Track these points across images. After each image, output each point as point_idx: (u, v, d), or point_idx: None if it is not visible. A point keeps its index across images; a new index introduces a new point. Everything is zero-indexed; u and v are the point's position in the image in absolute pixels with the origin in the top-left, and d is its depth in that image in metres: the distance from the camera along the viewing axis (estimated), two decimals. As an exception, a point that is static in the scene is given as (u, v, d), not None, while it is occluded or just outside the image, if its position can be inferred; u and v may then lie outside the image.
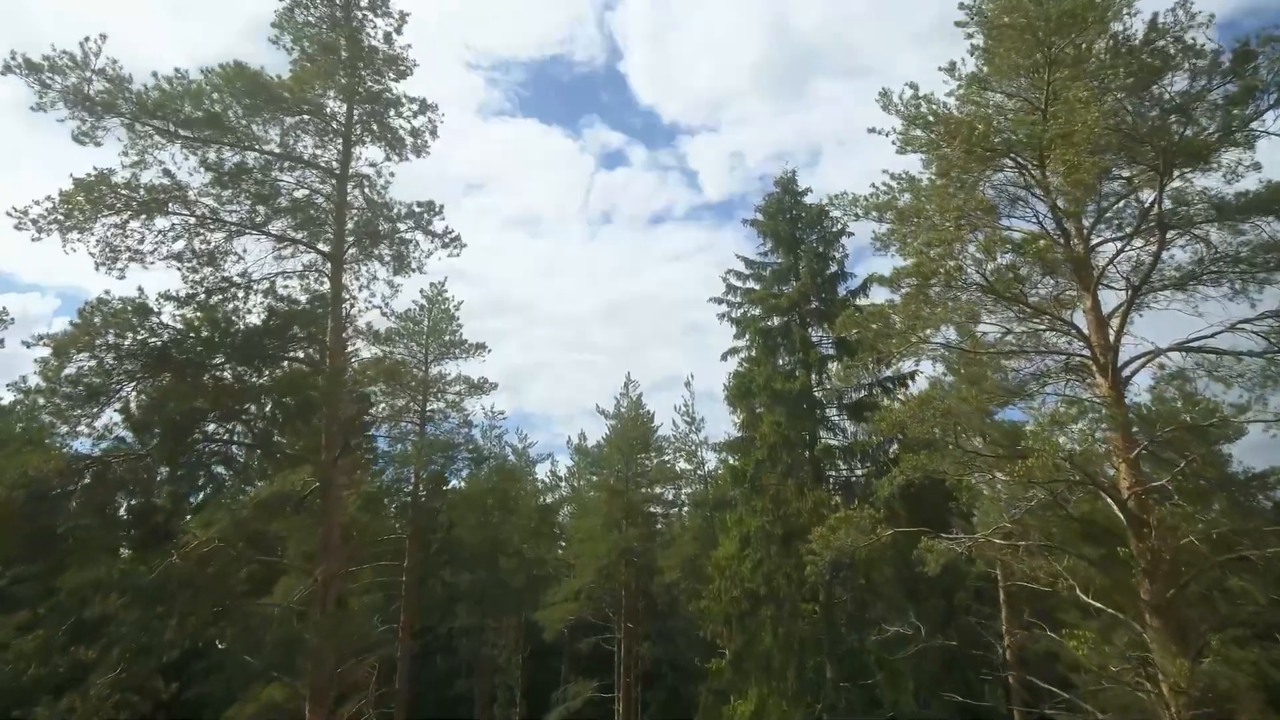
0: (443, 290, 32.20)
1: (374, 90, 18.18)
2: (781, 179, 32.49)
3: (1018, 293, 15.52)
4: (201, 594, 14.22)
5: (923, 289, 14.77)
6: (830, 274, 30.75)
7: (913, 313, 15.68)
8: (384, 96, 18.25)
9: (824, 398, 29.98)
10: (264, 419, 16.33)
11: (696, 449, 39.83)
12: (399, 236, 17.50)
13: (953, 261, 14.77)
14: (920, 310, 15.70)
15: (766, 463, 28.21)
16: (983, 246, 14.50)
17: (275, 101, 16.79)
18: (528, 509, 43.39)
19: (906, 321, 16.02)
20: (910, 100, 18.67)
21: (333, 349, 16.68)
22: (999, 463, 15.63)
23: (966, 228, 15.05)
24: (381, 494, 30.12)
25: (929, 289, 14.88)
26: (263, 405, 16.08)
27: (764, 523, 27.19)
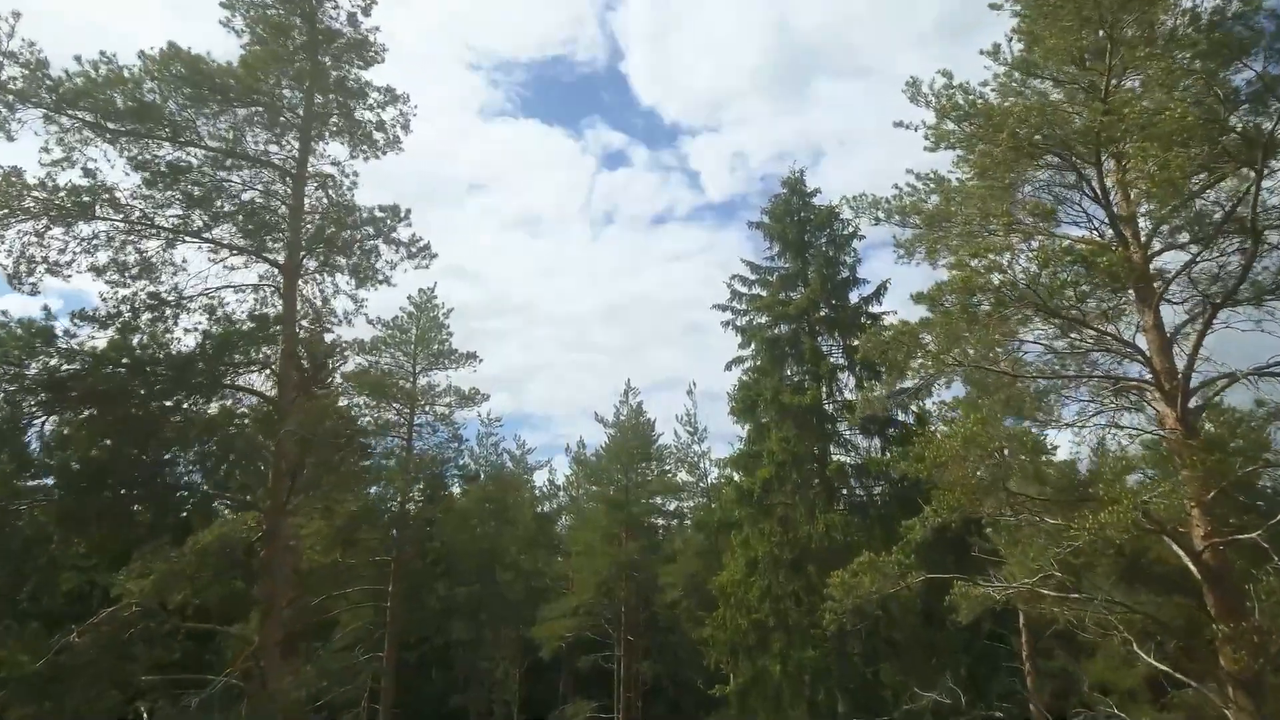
0: (432, 296, 29.58)
1: (337, 78, 15.57)
2: (789, 179, 29.84)
3: (1078, 312, 12.89)
4: (106, 678, 11.64)
5: (967, 306, 12.12)
6: (841, 279, 28.11)
7: (954, 332, 13.04)
8: (347, 85, 15.63)
9: (835, 411, 27.38)
10: (199, 459, 13.80)
11: (699, 460, 37.26)
12: (359, 246, 14.91)
13: (1000, 275, 12.12)
14: (962, 330, 13.06)
15: (774, 481, 25.61)
16: (1040, 258, 11.85)
17: (221, 91, 14.19)
18: (525, 519, 40.85)
19: (944, 342, 13.37)
20: (943, 90, 16.03)
21: (282, 376, 14.13)
22: (1054, 508, 13.03)
23: (1019, 235, 12.40)
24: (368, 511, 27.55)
25: (975, 306, 12.23)
26: (196, 444, 13.52)
27: (772, 546, 24.61)
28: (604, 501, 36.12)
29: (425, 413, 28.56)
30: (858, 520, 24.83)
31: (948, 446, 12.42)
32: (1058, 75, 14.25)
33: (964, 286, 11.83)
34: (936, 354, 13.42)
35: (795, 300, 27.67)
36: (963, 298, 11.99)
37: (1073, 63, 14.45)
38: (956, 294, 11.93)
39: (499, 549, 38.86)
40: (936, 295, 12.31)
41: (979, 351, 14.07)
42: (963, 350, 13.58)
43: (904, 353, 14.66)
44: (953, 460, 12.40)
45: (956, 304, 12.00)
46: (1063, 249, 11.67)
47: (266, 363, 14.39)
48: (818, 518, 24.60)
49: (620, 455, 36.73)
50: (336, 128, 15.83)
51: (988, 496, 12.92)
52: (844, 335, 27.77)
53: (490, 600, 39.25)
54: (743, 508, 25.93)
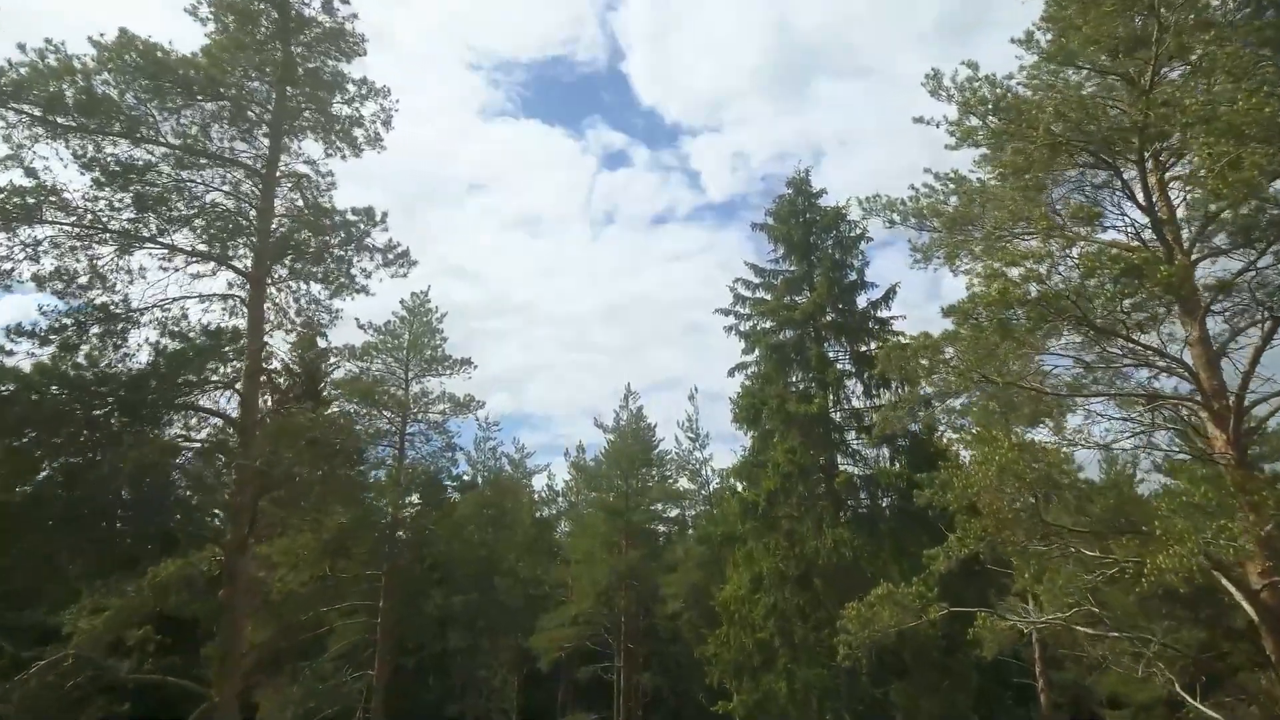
0: (425, 300, 28.11)
1: (310, 70, 14.11)
2: (794, 179, 28.32)
3: (1124, 326, 11.45)
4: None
5: (1002, 321, 10.66)
6: (849, 283, 26.63)
7: (985, 348, 11.58)
8: (323, 78, 14.17)
9: (843, 420, 25.94)
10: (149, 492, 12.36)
11: (701, 466, 35.78)
12: (331, 253, 13.46)
13: (1038, 286, 10.67)
14: (993, 345, 11.60)
15: (779, 493, 24.18)
16: (1085, 266, 10.39)
17: (182, 84, 12.73)
18: (523, 524, 39.43)
19: (971, 358, 11.91)
20: (967, 82, 14.59)
21: (246, 396, 12.69)
22: (1093, 538, 11.60)
23: (1059, 241, 10.94)
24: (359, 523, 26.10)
25: (1011, 320, 10.78)
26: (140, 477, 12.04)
27: (777, 562, 23.19)
28: (603, 509, 34.71)
29: (418, 421, 27.12)
30: (867, 535, 23.42)
31: (980, 476, 10.97)
32: (1096, 65, 12.75)
33: (1000, 300, 10.36)
34: (963, 371, 11.96)
35: (801, 305, 26.22)
36: (997, 311, 10.52)
37: (1108, 53, 12.99)
38: (992, 307, 10.45)
39: (497, 556, 37.47)
40: (969, 309, 10.84)
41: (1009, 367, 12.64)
42: (993, 366, 12.14)
43: (925, 368, 13.21)
44: (986, 491, 10.95)
45: (991, 318, 10.52)
46: (1111, 257, 10.19)
47: (229, 382, 12.94)
48: (825, 532, 23.16)
49: (620, 461, 35.31)
50: (311, 124, 14.37)
51: (1022, 528, 11.48)
52: (851, 341, 26.34)
53: (488, 608, 37.87)
54: (747, 521, 24.49)
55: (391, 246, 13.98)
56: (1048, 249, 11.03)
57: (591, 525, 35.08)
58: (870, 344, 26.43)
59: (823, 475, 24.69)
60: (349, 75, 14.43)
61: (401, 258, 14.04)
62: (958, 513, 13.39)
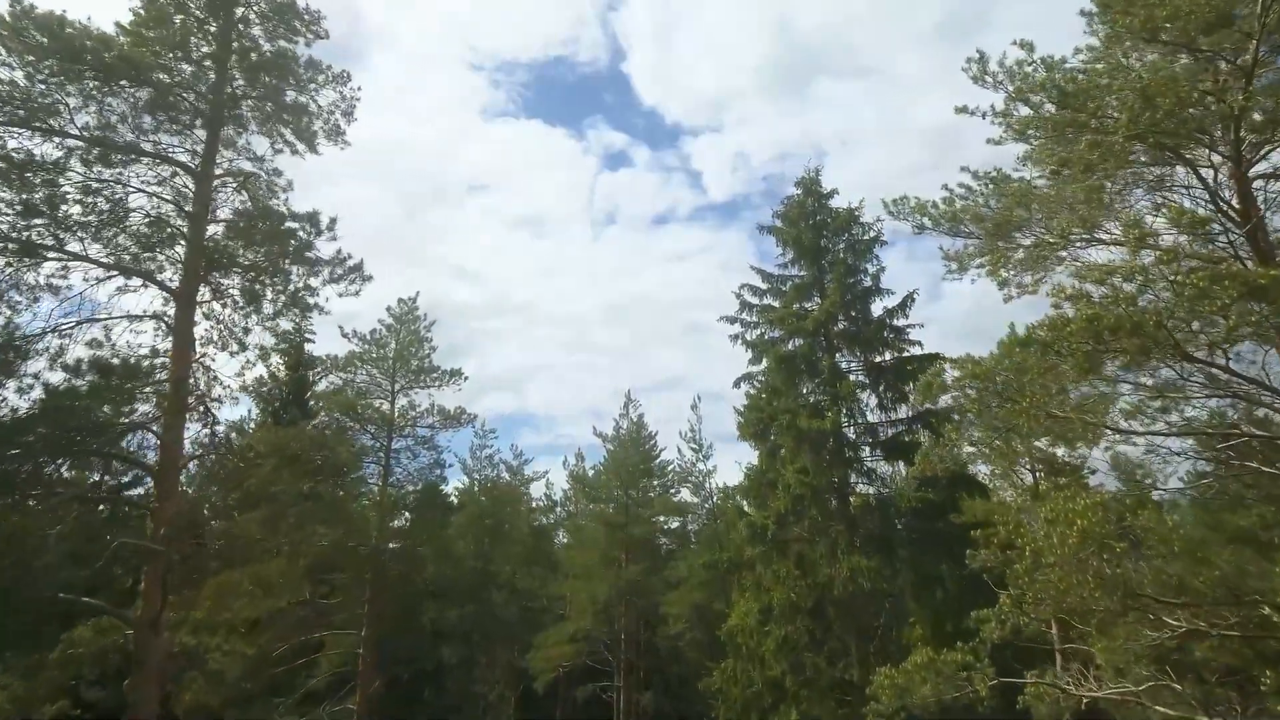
0: (413, 307, 25.78)
1: (256, 53, 11.77)
2: (803, 179, 25.90)
3: (1224, 354, 9.11)
4: None
5: (1085, 352, 8.32)
6: (863, 289, 24.26)
7: (1056, 382, 9.25)
8: (271, 61, 11.82)
9: (856, 435, 23.61)
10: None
11: (704, 479, 33.44)
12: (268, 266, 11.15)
13: (1126, 309, 8.33)
14: (1067, 379, 9.26)
15: (790, 516, 21.87)
16: (1194, 286, 8.03)
17: (100, 67, 10.41)
18: (521, 535, 37.14)
19: (1039, 395, 9.57)
20: (1019, 66, 12.26)
21: (167, 439, 10.38)
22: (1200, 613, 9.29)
23: (1166, 256, 8.59)
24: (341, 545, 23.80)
25: (1097, 350, 8.43)
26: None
27: (789, 591, 20.87)
28: (603, 522, 32.43)
29: (404, 436, 24.81)
30: (883, 560, 21.12)
31: (1055, 544, 8.63)
32: (1186, 42, 10.36)
33: (1090, 328, 8.01)
34: (1028, 407, 9.61)
35: (812, 313, 23.85)
36: (1082, 343, 8.17)
37: (1202, 27, 10.61)
38: (1078, 338, 8.10)
39: (493, 568, 35.25)
40: (1051, 342, 8.46)
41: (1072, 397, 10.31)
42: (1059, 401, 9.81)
43: (975, 400, 10.87)
44: (1064, 564, 8.62)
45: (1075, 349, 8.18)
46: (1231, 275, 7.83)
47: (144, 423, 10.65)
48: (840, 559, 20.84)
49: (620, 472, 33.04)
50: (256, 114, 12.06)
51: (1105, 599, 9.15)
52: (865, 351, 23.98)
53: (484, 621, 35.69)
54: (755, 545, 22.19)
55: (341, 259, 11.67)
56: (1138, 264, 8.66)
57: (590, 539, 32.82)
58: (885, 354, 24.13)
59: (836, 496, 22.39)
60: (300, 58, 12.08)
61: (353, 272, 11.73)
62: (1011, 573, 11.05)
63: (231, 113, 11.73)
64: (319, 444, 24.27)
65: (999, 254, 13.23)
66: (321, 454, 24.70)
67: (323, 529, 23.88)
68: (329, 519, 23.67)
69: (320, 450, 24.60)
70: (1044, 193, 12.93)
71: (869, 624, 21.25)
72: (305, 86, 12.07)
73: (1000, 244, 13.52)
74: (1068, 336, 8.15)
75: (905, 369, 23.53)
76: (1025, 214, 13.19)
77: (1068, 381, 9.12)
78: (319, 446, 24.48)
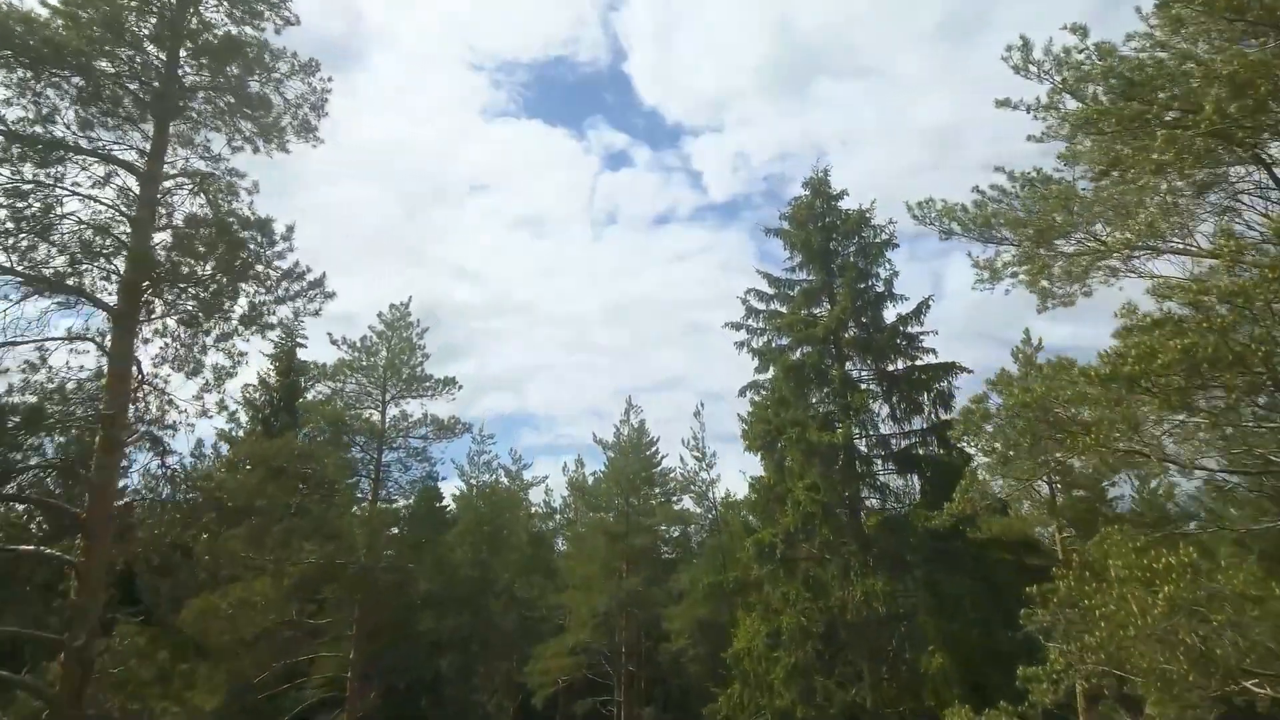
0: (405, 314, 24.26)
1: (211, 35, 10.22)
2: (811, 179, 24.43)
3: None
4: None
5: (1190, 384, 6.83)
6: (875, 294, 22.76)
7: (1129, 418, 7.75)
8: (231, 48, 10.28)
9: (868, 449, 22.12)
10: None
11: (707, 489, 31.92)
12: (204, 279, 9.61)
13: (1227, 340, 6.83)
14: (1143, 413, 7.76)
15: (799, 534, 20.40)
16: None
17: (25, 51, 8.87)
18: (519, 542, 35.65)
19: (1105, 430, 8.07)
20: (1067, 53, 10.79)
21: (97, 483, 8.83)
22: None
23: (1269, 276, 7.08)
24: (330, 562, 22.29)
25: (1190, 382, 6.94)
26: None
27: (798, 615, 19.38)
28: (603, 531, 30.95)
29: (396, 448, 23.31)
30: (897, 580, 19.65)
31: (1137, 611, 7.13)
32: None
33: (1185, 360, 6.52)
34: (1096, 442, 8.11)
35: (822, 320, 22.36)
36: (1175, 376, 6.67)
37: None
38: (1170, 371, 6.61)
39: (491, 576, 33.75)
40: (1135, 374, 6.96)
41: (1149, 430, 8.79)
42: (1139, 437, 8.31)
43: (1023, 430, 9.37)
44: (1150, 635, 7.12)
45: (1166, 384, 6.69)
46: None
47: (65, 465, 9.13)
48: (853, 581, 19.37)
49: (621, 480, 31.55)
50: (215, 108, 10.53)
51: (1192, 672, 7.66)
52: (877, 359, 22.48)
53: (481, 631, 34.24)
54: (762, 564, 20.71)
55: (298, 272, 10.12)
56: (1236, 283, 7.15)
57: (591, 549, 31.32)
58: (898, 362, 22.66)
59: (847, 512, 20.91)
60: (265, 44, 10.53)
61: (313, 288, 10.17)
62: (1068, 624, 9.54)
63: (184, 106, 10.21)
64: (306, 456, 22.83)
65: (1040, 263, 11.73)
66: (309, 467, 23.26)
67: (310, 545, 22.43)
68: (316, 535, 22.22)
69: (307, 463, 23.16)
70: (1092, 195, 11.44)
71: (882, 647, 19.83)
72: (269, 76, 10.54)
73: (1042, 252, 12.04)
74: (1159, 370, 6.65)
75: (919, 378, 22.08)
76: (1069, 219, 11.69)
77: (1148, 414, 7.60)
78: (306, 459, 23.04)
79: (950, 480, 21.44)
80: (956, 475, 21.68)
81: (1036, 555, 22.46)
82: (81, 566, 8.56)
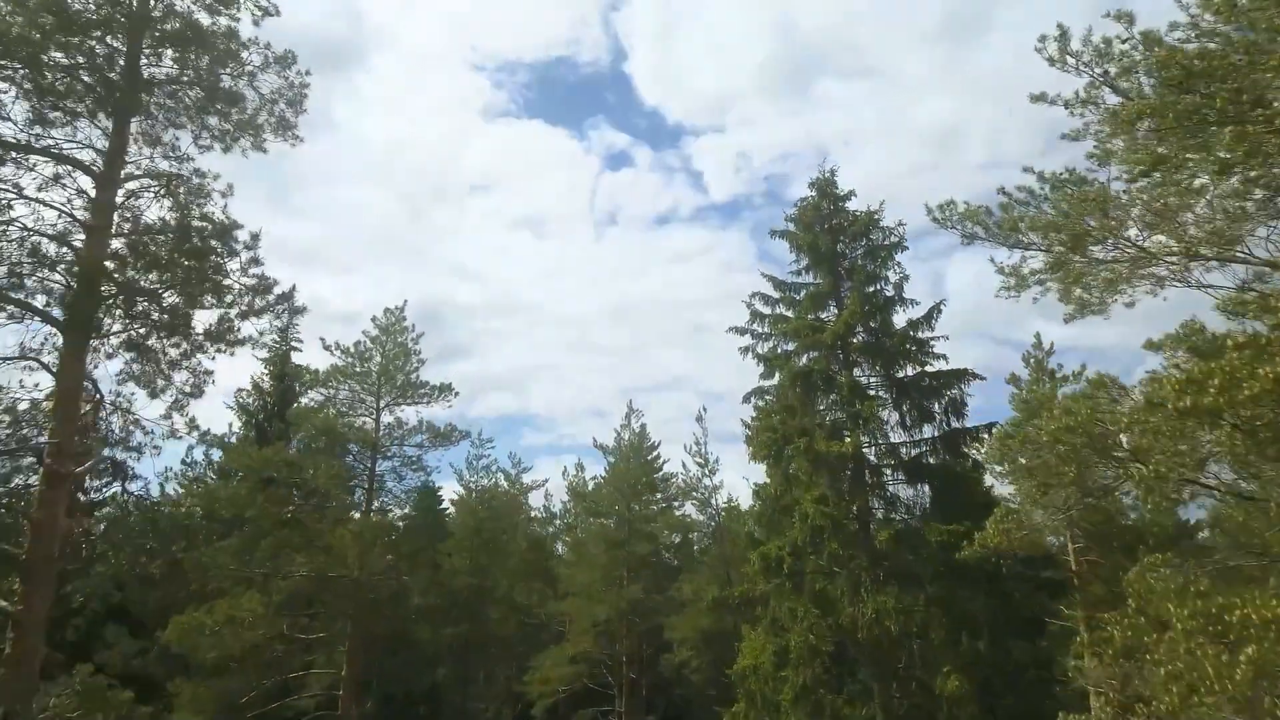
0: (400, 318, 23.27)
1: (187, 25, 9.23)
2: (818, 180, 23.45)
3: None
4: None
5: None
6: (884, 298, 21.79)
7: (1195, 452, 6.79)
8: (199, 36, 9.29)
9: (878, 458, 21.15)
10: None
11: (710, 495, 30.95)
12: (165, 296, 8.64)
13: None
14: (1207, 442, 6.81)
15: (807, 548, 19.45)
16: None
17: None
18: (518, 548, 34.72)
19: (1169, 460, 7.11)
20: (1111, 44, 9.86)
21: (38, 520, 7.82)
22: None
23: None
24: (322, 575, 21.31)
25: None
26: None
27: (807, 635, 18.43)
28: (604, 538, 30.02)
29: (390, 457, 22.35)
30: (910, 596, 18.68)
31: (1213, 675, 6.18)
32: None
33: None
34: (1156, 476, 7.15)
35: (829, 324, 21.40)
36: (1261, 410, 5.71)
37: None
38: (1255, 405, 5.65)
39: (489, 583, 32.81)
40: (1218, 407, 6.00)
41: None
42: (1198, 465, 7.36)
43: (1069, 457, 8.41)
44: (1228, 702, 6.17)
45: (1250, 416, 5.73)
46: None
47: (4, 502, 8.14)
48: (864, 598, 18.44)
49: (621, 485, 30.61)
50: (183, 103, 9.56)
51: None
52: (887, 365, 21.51)
53: (480, 638, 33.32)
54: (769, 579, 19.75)
55: (262, 285, 9.10)
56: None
57: (591, 556, 30.38)
58: (908, 368, 21.68)
59: (856, 524, 19.93)
60: (230, 33, 9.52)
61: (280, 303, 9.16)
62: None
63: (146, 101, 9.23)
64: (297, 466, 21.87)
65: (1075, 271, 10.76)
66: (300, 476, 22.29)
67: (301, 558, 21.49)
68: (309, 547, 21.26)
69: (299, 473, 22.20)
70: (1130, 198, 10.47)
71: (894, 666, 18.90)
72: (241, 69, 9.56)
73: (1076, 259, 11.08)
74: (1246, 402, 5.69)
75: (931, 385, 21.13)
76: (1105, 224, 10.73)
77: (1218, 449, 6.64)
78: (297, 468, 22.08)
79: (961, 490, 20.59)
80: (968, 485, 20.87)
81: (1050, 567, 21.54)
82: (20, 615, 7.57)
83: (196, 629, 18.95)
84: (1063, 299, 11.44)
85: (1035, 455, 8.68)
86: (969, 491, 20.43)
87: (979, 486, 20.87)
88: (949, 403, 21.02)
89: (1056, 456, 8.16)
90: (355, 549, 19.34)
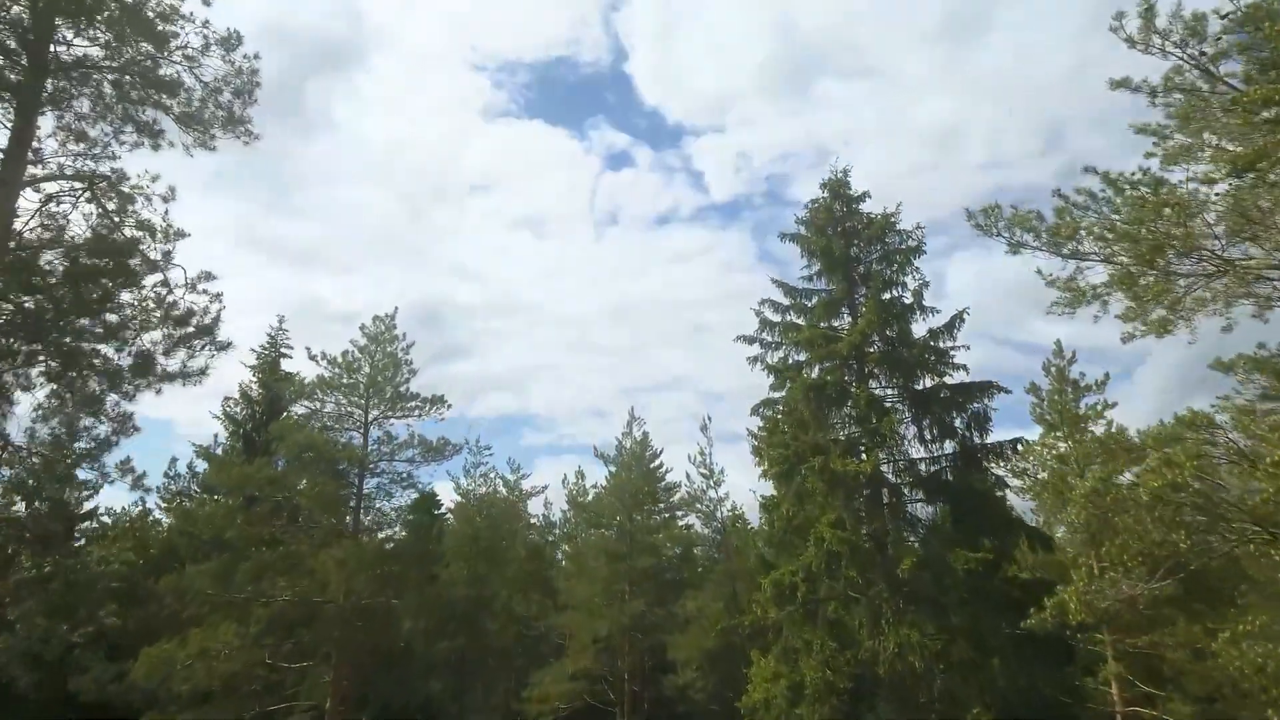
0: (390, 326, 21.58)
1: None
2: (830, 181, 21.76)
3: None
4: None
5: None
6: (902, 306, 20.11)
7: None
8: (125, 12, 7.61)
9: (896, 476, 19.51)
10: None
11: (715, 507, 29.29)
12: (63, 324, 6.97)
13: None
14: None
15: (823, 574, 17.82)
16: None
17: None
18: (517, 557, 33.10)
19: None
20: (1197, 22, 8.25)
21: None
22: None
23: None
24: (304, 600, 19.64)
25: None
26: None
27: (823, 669, 16.81)
28: (604, 551, 28.40)
29: (379, 474, 20.69)
30: (935, 627, 17.07)
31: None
32: None
33: None
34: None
35: (844, 334, 19.75)
36: None
37: None
38: None
39: (487, 595, 31.20)
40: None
41: None
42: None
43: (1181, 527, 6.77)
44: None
45: None
46: None
47: None
48: (886, 631, 16.81)
49: (623, 495, 29.00)
50: (106, 91, 7.90)
51: None
52: (905, 377, 19.87)
53: (476, 652, 31.71)
54: (781, 607, 18.12)
55: (182, 315, 7.40)
56: None
57: (591, 569, 28.76)
58: (927, 379, 20.03)
59: (875, 548, 18.30)
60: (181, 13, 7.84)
61: (200, 335, 7.45)
62: None
63: (60, 88, 7.57)
64: (279, 485, 20.23)
65: (1157, 287, 9.10)
66: (282, 496, 20.66)
67: (283, 582, 19.84)
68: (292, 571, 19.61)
69: (281, 491, 20.56)
70: (1225, 201, 8.81)
71: (917, 701, 17.31)
72: (169, 47, 7.85)
73: (1152, 273, 9.41)
74: None
75: (952, 398, 19.48)
76: (1190, 234, 9.06)
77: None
78: (280, 486, 20.45)
79: (983, 509, 18.98)
80: (990, 504, 19.24)
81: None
82: None
83: (167, 662, 17.25)
84: (1134, 319, 9.77)
85: (1130, 515, 7.06)
86: (990, 510, 18.84)
87: (1001, 505, 19.29)
88: (972, 417, 19.37)
89: (1163, 522, 6.53)
90: (340, 575, 17.68)
